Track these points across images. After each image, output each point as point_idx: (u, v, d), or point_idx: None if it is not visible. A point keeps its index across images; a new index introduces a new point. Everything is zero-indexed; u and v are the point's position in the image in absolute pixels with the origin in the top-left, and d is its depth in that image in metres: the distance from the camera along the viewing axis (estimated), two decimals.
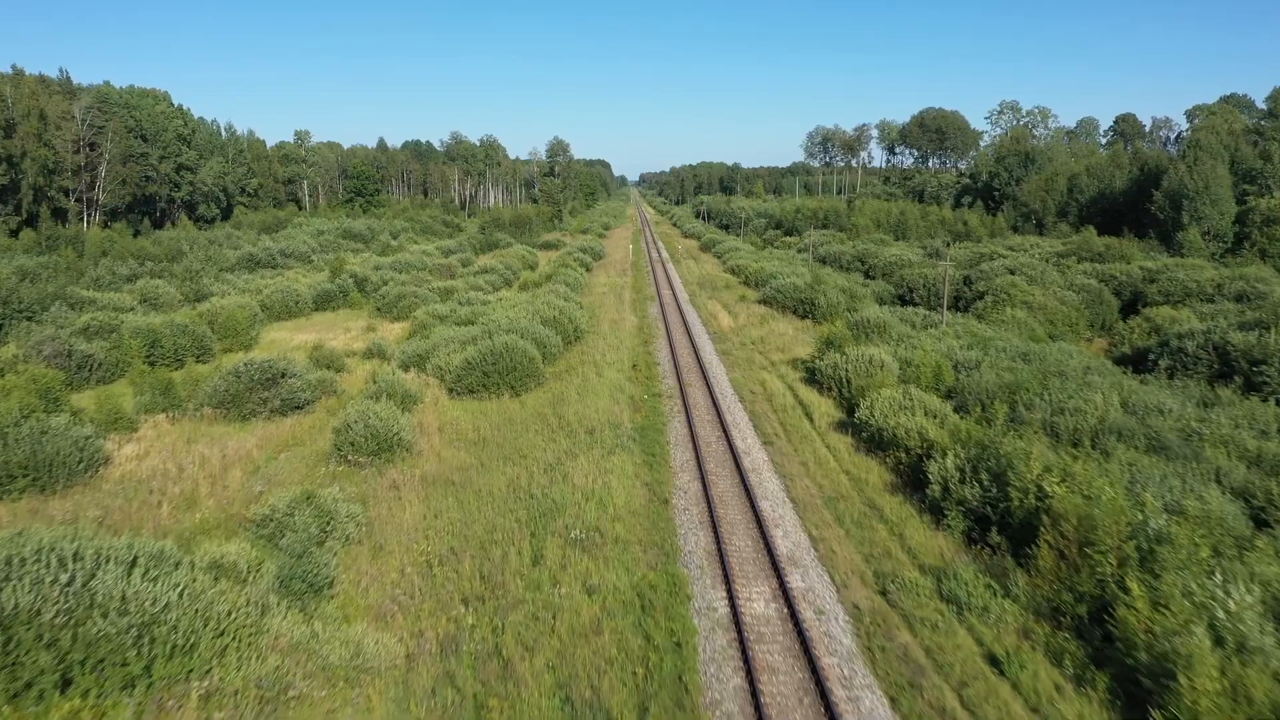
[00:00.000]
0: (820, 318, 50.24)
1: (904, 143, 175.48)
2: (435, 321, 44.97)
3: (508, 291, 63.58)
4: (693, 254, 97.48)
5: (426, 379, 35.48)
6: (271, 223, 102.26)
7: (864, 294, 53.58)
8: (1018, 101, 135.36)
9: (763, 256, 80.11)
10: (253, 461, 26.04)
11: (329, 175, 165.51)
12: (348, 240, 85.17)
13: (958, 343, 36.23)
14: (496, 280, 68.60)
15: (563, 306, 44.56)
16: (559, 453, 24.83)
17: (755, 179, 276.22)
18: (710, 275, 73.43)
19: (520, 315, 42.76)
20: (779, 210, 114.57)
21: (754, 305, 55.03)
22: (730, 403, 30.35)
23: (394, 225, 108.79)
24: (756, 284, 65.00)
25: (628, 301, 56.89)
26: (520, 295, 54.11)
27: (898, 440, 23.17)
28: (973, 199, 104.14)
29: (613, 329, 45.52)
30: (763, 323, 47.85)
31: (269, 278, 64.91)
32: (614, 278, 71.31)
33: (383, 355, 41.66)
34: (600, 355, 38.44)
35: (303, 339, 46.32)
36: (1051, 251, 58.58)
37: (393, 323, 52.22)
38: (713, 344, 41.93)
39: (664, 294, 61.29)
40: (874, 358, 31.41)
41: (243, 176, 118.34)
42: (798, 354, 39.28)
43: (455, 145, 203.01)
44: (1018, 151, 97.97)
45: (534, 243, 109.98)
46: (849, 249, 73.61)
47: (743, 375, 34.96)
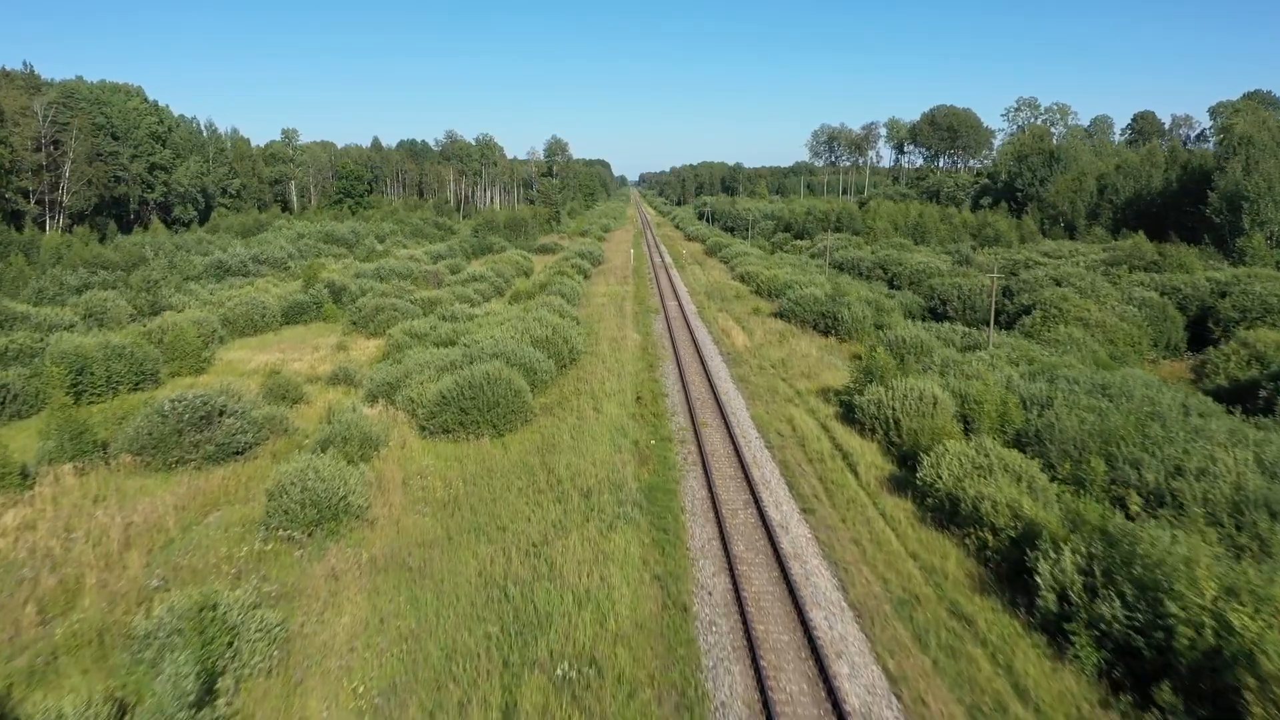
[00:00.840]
0: (845, 334, 45.33)
1: (914, 141, 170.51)
2: (411, 341, 39.99)
3: (498, 303, 58.59)
4: (697, 259, 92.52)
5: (395, 413, 30.53)
6: (253, 225, 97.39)
7: (891, 307, 48.60)
8: (1036, 98, 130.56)
9: (773, 262, 75.11)
10: (165, 533, 21.04)
11: (322, 176, 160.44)
12: (329, 245, 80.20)
13: (1015, 370, 31.22)
14: (487, 289, 63.63)
15: (556, 324, 39.59)
16: (546, 525, 19.83)
17: (758, 179, 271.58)
18: (718, 283, 68.45)
19: (508, 334, 37.80)
20: (787, 212, 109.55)
21: (769, 319, 50.03)
22: (755, 449, 25.33)
23: (382, 228, 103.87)
24: (770, 293, 60.05)
25: (629, 314, 51.89)
26: (511, 309, 49.11)
27: (979, 515, 18.16)
28: (993, 200, 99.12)
29: (613, 349, 40.52)
30: (782, 341, 42.85)
31: (239, 287, 60.01)
32: (614, 286, 66.32)
33: (350, 381, 36.70)
34: (599, 383, 33.44)
35: (263, 360, 41.34)
36: (1098, 259, 53.67)
37: (368, 339, 47.25)
38: (727, 368, 36.91)
39: (669, 305, 56.30)
40: (925, 393, 26.42)
41: (224, 177, 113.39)
42: (827, 381, 34.27)
43: (450, 144, 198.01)
44: (1041, 150, 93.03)
45: (530, 246, 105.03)
46: (867, 254, 68.64)
47: (766, 410, 29.93)
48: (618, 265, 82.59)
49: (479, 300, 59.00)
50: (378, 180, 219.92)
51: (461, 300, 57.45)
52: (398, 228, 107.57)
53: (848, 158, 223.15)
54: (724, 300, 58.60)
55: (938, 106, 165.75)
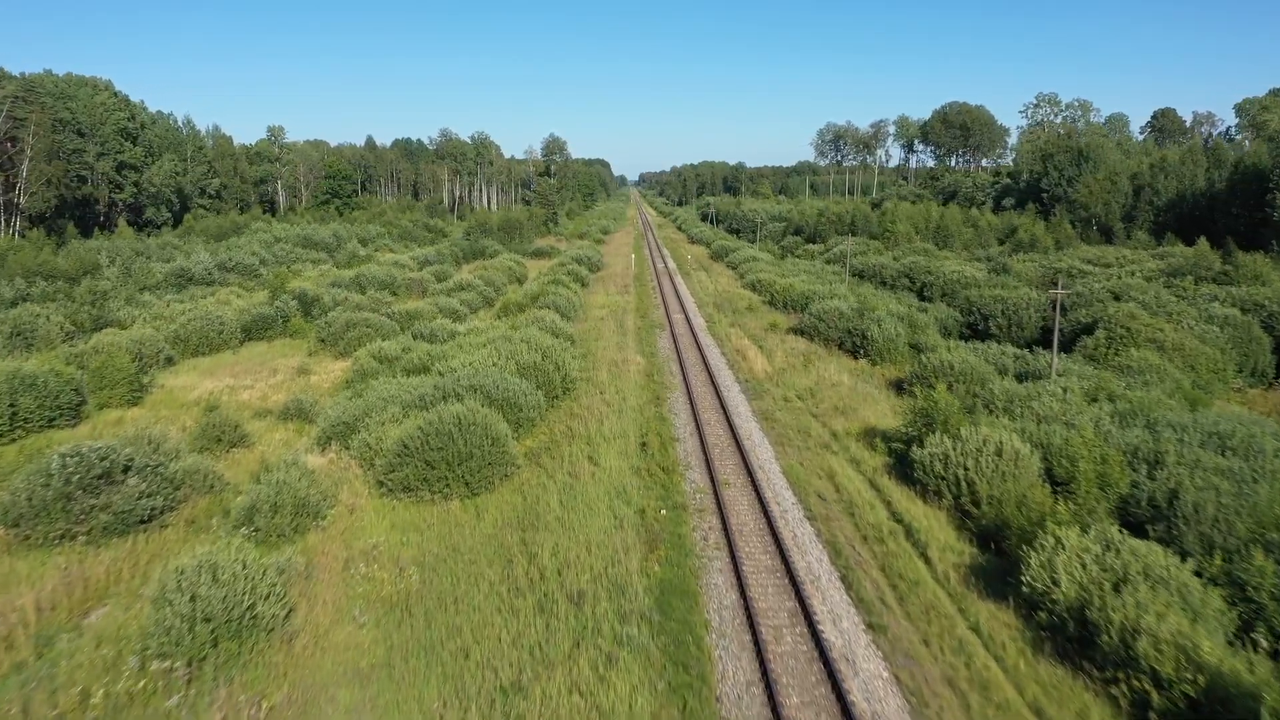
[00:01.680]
0: (876, 355, 40.13)
1: (925, 140, 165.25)
2: (379, 367, 34.82)
3: (485, 316, 53.39)
4: (703, 264, 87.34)
5: (349, 463, 25.35)
6: (229, 228, 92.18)
7: (924, 323, 43.39)
8: (1056, 94, 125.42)
9: (786, 269, 69.94)
10: (14, 652, 15.85)
11: (313, 176, 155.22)
12: (307, 249, 74.98)
13: (1098, 410, 26.01)
14: (474, 300, 58.47)
15: (548, 346, 34.40)
16: (522, 651, 14.63)
17: (760, 179, 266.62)
18: (727, 292, 63.25)
19: (491, 359, 32.62)
20: (796, 214, 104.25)
21: (789, 337, 44.83)
22: (794, 521, 20.12)
23: (368, 231, 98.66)
24: (785, 305, 54.87)
25: (631, 330, 46.68)
26: (498, 325, 43.90)
27: (1132, 656, 12.95)
28: (1016, 201, 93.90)
29: (614, 375, 35.32)
30: (806, 364, 37.65)
31: (200, 298, 54.83)
32: (614, 296, 61.14)
33: (304, 416, 31.52)
34: (596, 421, 28.25)
35: (210, 387, 36.13)
36: (1154, 269, 48.49)
37: (335, 360, 42.06)
38: (747, 400, 31.68)
39: (675, 318, 51.09)
40: (1003, 446, 21.23)
41: (202, 176, 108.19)
42: (866, 418, 29.09)
43: (445, 143, 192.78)
44: (1069, 148, 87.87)
45: (524, 250, 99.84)
46: (890, 261, 63.43)
47: (800, 460, 24.71)
48: (618, 272, 77.42)
49: (464, 313, 53.83)
50: (371, 180, 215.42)
51: (445, 313, 52.29)
52: (385, 230, 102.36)
53: (854, 157, 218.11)
54: (735, 313, 53.38)
55: (950, 103, 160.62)
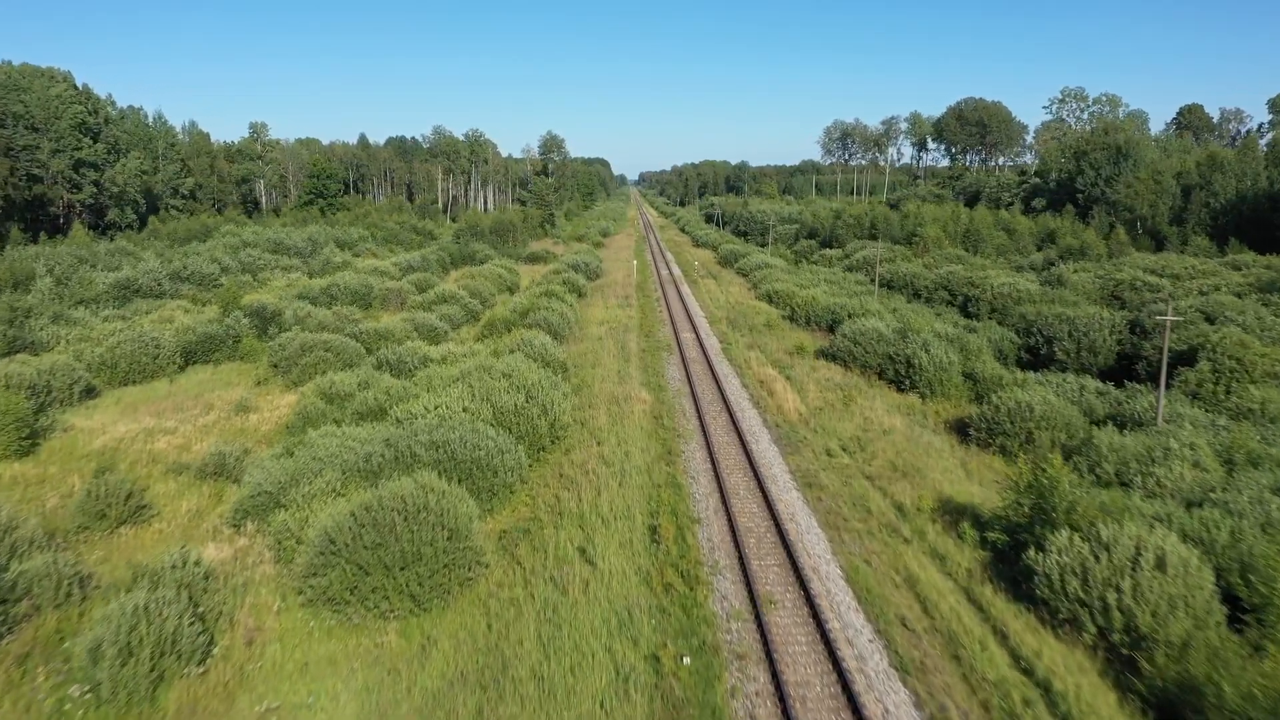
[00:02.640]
0: (926, 388, 34.03)
1: (939, 138, 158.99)
2: (326, 408, 28.64)
3: (467, 335, 47.25)
4: (710, 270, 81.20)
5: (263, 554, 19.26)
6: (198, 231, 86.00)
7: (977, 346, 37.28)
8: (1083, 88, 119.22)
9: (805, 278, 63.81)
10: None
11: (302, 175, 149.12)
12: (278, 255, 68.77)
13: (1259, 483, 19.87)
14: (457, 314, 52.34)
15: (535, 381, 28.29)
16: None
17: (764, 178, 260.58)
18: (741, 304, 57.11)
19: (464, 399, 26.54)
20: (810, 215, 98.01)
21: (819, 363, 38.70)
22: (879, 678, 14.00)
23: (349, 234, 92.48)
24: (808, 321, 48.78)
25: (634, 354, 40.53)
26: (477, 352, 37.77)
27: None
28: (1048, 202, 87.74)
29: (614, 418, 29.18)
30: (846, 401, 31.51)
31: (145, 312, 48.67)
32: (614, 309, 55.00)
33: (227, 474, 25.39)
34: (592, 493, 22.13)
35: (124, 431, 29.96)
36: (1243, 282, 42.37)
37: (285, 392, 35.93)
38: (781, 454, 25.53)
39: (684, 338, 44.96)
40: (1165, 556, 15.12)
41: (175, 176, 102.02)
42: (937, 482, 22.99)
43: (438, 141, 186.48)
44: (1106, 145, 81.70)
45: (518, 255, 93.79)
46: (922, 270, 57.26)
47: (865, 557, 18.56)
48: (618, 280, 71.27)
49: (444, 331, 47.73)
50: (363, 180, 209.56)
51: (422, 331, 46.23)
52: (369, 233, 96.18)
53: (863, 155, 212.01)
54: (752, 331, 47.23)
55: (965, 99, 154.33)
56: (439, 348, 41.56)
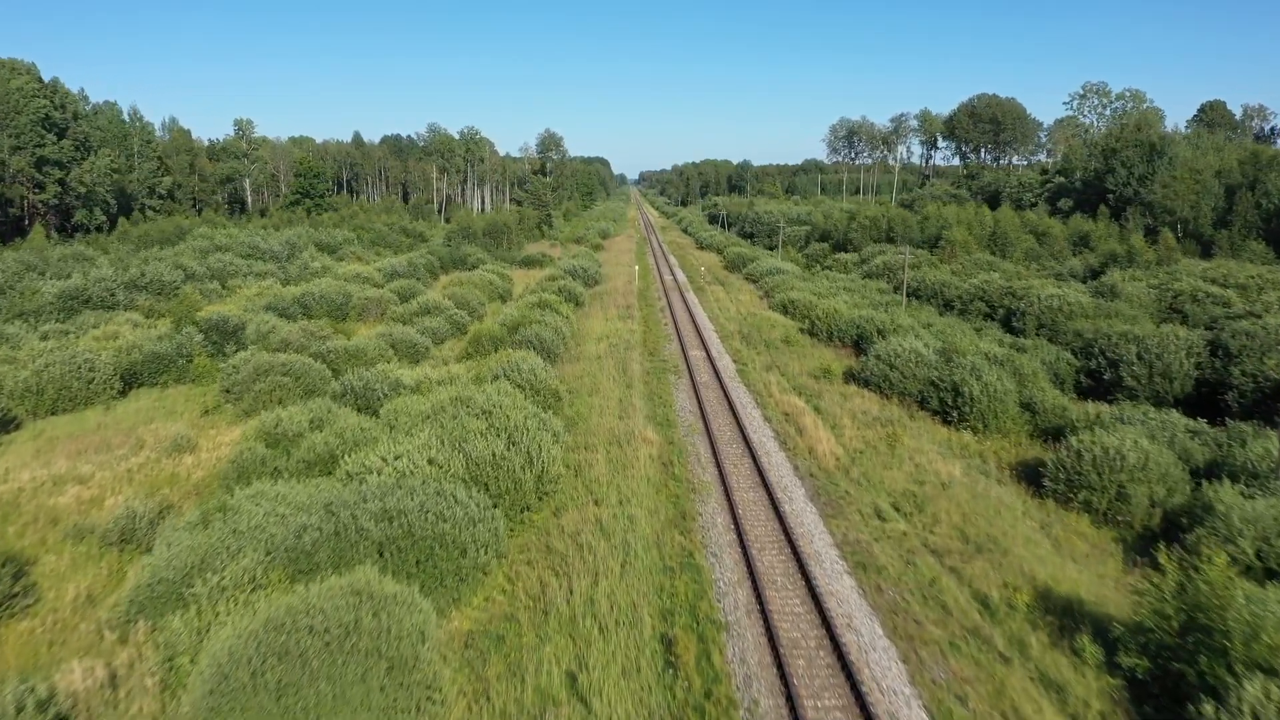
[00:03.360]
0: (978, 421, 29.31)
1: (951, 135, 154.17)
2: (267, 453, 23.86)
3: (447, 355, 42.47)
4: (717, 275, 76.46)
5: (144, 683, 14.54)
6: (172, 233, 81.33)
7: (1032, 370, 32.55)
8: (1105, 83, 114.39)
9: (823, 287, 59.09)
10: None
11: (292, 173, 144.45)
12: (250, 260, 64.00)
13: None
14: (442, 327, 47.64)
15: (521, 420, 23.58)
16: None
17: (765, 177, 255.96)
18: (753, 316, 52.38)
19: (431, 448, 21.85)
20: (820, 217, 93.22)
21: (850, 389, 33.95)
22: None
23: (334, 236, 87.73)
24: (831, 336, 44.06)
25: (637, 377, 35.77)
26: (456, 379, 33.00)
27: None
28: (1075, 203, 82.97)
29: (615, 465, 24.43)
30: (890, 441, 26.76)
31: (92, 326, 43.91)
32: (615, 321, 50.25)
33: (135, 541, 20.65)
34: (588, 578, 17.43)
35: (30, 479, 25.19)
36: None
37: (235, 424, 31.20)
38: (823, 522, 20.77)
39: (693, 356, 40.23)
40: None
41: (151, 175, 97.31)
42: (1022, 560, 18.29)
43: (432, 139, 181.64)
44: (1139, 142, 76.94)
45: (513, 258, 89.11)
46: (952, 278, 52.49)
47: (956, 689, 13.84)
48: (619, 286, 66.52)
49: (425, 347, 43.04)
50: (357, 179, 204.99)
51: (401, 348, 41.56)
52: (355, 235, 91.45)
53: (869, 154, 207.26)
54: (769, 347, 42.48)
55: (978, 95, 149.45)
56: (416, 370, 36.88)
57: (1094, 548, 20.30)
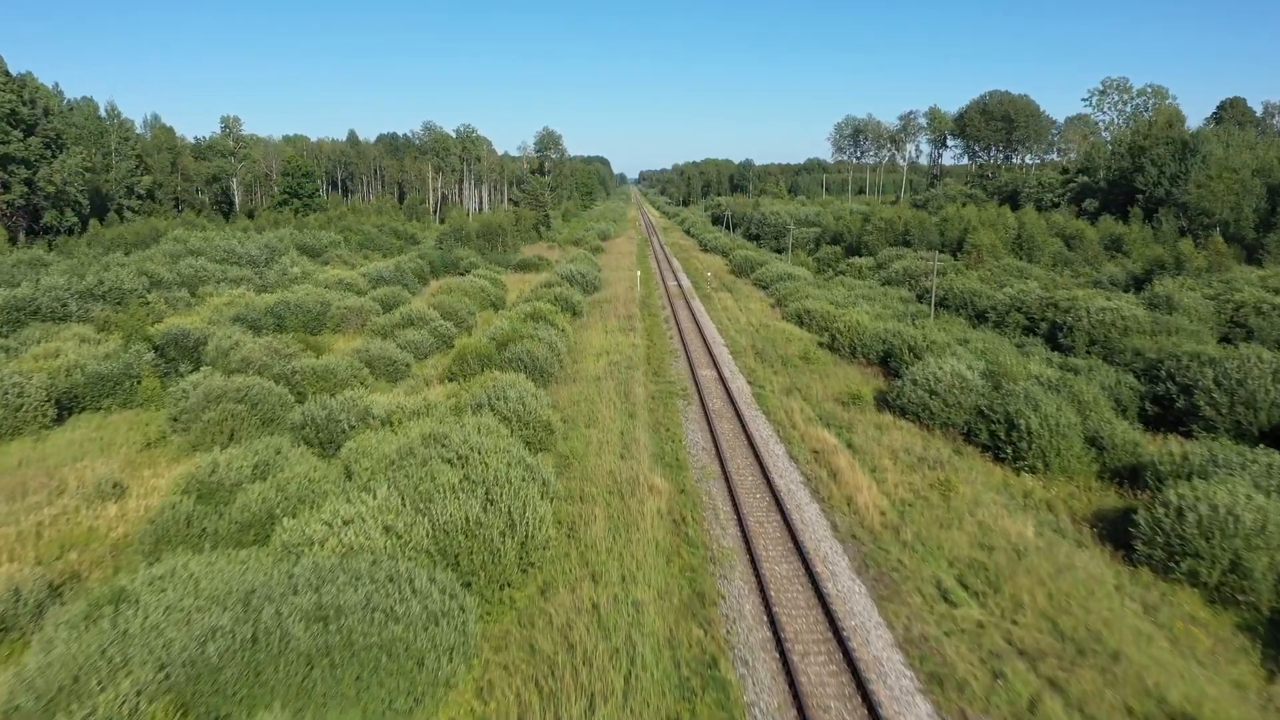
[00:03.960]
0: (1037, 460, 25.30)
1: (962, 134, 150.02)
2: (195, 510, 19.76)
3: (430, 374, 38.35)
4: (724, 281, 72.40)
5: None
6: (148, 235, 77.35)
7: (1092, 397, 28.50)
8: (1127, 79, 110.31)
9: (837, 293, 55.08)
10: None
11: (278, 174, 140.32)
12: (224, 265, 59.95)
13: None
14: (425, 341, 43.64)
15: (502, 469, 19.55)
16: None
17: (768, 177, 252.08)
18: (766, 327, 48.34)
19: (388, 513, 17.86)
20: (831, 219, 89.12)
21: (884, 418, 29.86)
22: None
23: (319, 239, 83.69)
24: (854, 351, 40.01)
25: (641, 404, 31.71)
26: (437, 403, 28.89)
27: None
28: (1101, 204, 78.93)
29: (616, 524, 20.38)
30: (943, 488, 22.73)
31: (37, 341, 39.86)
32: (615, 334, 46.22)
33: (17, 629, 16.61)
34: (580, 705, 13.34)
35: None
36: None
37: (179, 459, 27.17)
38: (877, 608, 16.73)
39: (703, 377, 36.22)
40: None
41: (129, 174, 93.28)
42: (1141, 668, 14.25)
43: (427, 137, 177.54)
44: (1170, 140, 72.93)
45: (508, 261, 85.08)
46: (982, 286, 48.40)
47: None
48: (620, 293, 62.47)
49: (407, 364, 39.03)
50: (352, 178, 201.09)
51: (378, 365, 37.59)
52: (342, 238, 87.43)
53: (876, 153, 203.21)
54: (786, 365, 38.44)
55: (990, 93, 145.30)
56: (391, 393, 32.86)
57: (1217, 641, 16.27)
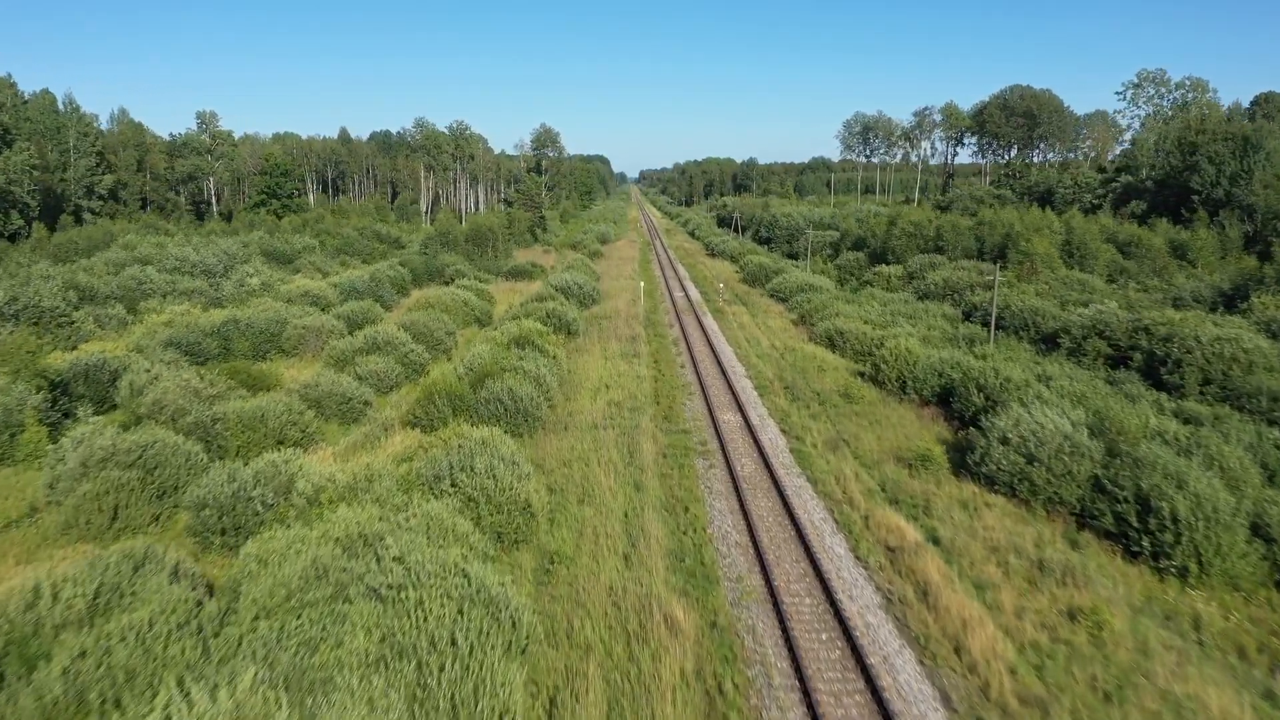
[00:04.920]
0: (1188, 557, 18.75)
1: (981, 130, 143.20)
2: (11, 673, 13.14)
3: (392, 415, 31.56)
4: (737, 291, 65.77)
5: None
6: (101, 240, 70.81)
7: (1238, 464, 21.90)
8: (1164, 70, 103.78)
9: (871, 310, 48.51)
10: None
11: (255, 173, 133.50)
12: (176, 276, 53.30)
13: None
14: (390, 371, 37.04)
15: (447, 618, 12.94)
16: None
17: (771, 176, 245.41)
18: (792, 351, 41.74)
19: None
20: (853, 223, 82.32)
21: (964, 486, 23.21)
22: None
23: (293, 243, 77.08)
24: (905, 386, 33.36)
25: (650, 469, 25.04)
26: (383, 472, 22.10)
27: None
28: (1150, 206, 72.33)
29: (616, 702, 13.69)
30: (1090, 623, 16.10)
31: None
32: (616, 361, 39.61)
33: None
34: None
35: None
36: None
37: (42, 549, 20.53)
38: None
39: (725, 423, 29.60)
40: None
41: (88, 172, 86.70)
42: None
43: (419, 134, 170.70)
44: (1229, 135, 66.39)
45: (499, 268, 78.43)
46: (1043, 303, 41.76)
47: None
48: (621, 308, 55.83)
49: (361, 405, 32.39)
50: (343, 177, 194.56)
51: (330, 403, 31.05)
52: (318, 242, 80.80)
53: (886, 151, 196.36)
54: (825, 405, 31.82)
55: (1011, 87, 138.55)
56: (339, 443, 26.28)
57: None
